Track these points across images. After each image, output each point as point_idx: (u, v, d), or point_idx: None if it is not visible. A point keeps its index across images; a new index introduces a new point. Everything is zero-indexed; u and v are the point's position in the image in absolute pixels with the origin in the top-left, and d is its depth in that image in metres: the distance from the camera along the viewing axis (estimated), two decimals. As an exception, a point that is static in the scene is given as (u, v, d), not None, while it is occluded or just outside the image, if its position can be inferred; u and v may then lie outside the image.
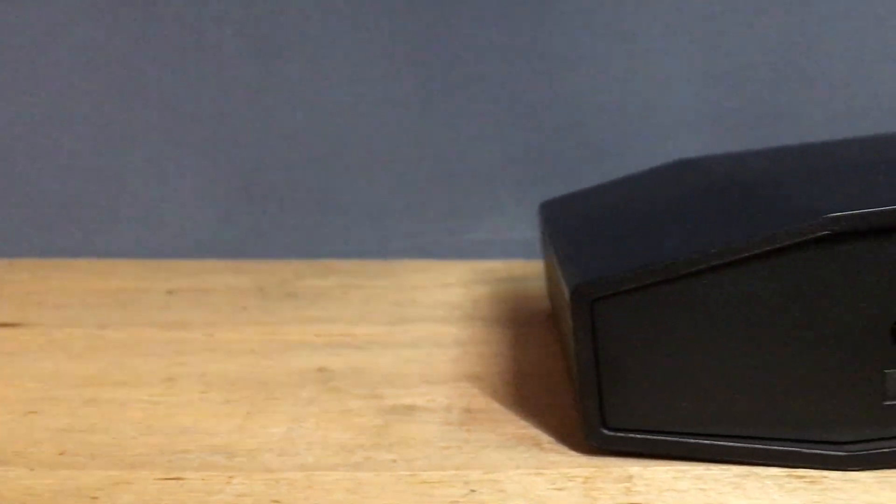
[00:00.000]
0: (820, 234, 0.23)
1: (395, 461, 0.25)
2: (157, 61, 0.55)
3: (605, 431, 0.24)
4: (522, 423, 0.27)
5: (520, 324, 0.37)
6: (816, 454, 0.24)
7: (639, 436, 0.24)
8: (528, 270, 0.46)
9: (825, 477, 0.23)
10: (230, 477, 0.24)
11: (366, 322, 0.39)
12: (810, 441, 0.24)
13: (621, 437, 0.24)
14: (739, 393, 0.24)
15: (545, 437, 0.26)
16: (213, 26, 0.54)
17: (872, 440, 0.24)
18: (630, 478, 0.23)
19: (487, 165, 0.54)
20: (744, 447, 0.24)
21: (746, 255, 0.23)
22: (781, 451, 0.24)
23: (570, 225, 0.34)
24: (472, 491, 0.23)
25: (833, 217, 0.23)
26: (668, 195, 0.34)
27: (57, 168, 0.55)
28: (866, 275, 0.23)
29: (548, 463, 0.24)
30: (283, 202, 0.56)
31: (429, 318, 0.40)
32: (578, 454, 0.25)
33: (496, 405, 0.29)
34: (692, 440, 0.24)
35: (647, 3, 0.52)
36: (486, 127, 0.54)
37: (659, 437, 0.24)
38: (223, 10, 0.54)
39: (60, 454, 0.26)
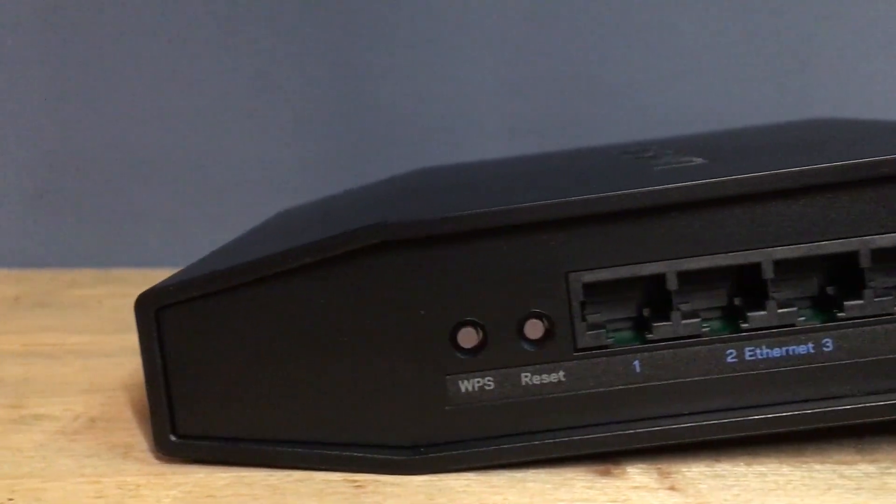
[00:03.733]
0: (371, 241, 0.23)
1: (-37, 471, 0.25)
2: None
3: (173, 438, 0.24)
4: (135, 431, 0.27)
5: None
6: (376, 459, 0.24)
7: (206, 443, 0.24)
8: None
9: (376, 481, 0.23)
10: None
11: (89, 331, 0.39)
12: (374, 446, 0.24)
13: (189, 444, 0.24)
14: (303, 399, 0.24)
15: (143, 446, 0.26)
16: (10, 32, 0.54)
17: (434, 444, 0.24)
18: (181, 485, 0.23)
19: (285, 173, 0.55)
20: (306, 453, 0.24)
21: (306, 262, 0.24)
22: (343, 456, 0.24)
23: (260, 232, 0.34)
24: (10, 500, 0.23)
25: (378, 226, 0.23)
26: (364, 202, 0.35)
27: None
28: (424, 282, 0.24)
29: (116, 471, 0.24)
30: (78, 211, 0.56)
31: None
32: (158, 463, 0.25)
33: (128, 414, 0.29)
34: (255, 446, 0.24)
35: (446, 15, 0.52)
36: (285, 134, 0.54)
37: (225, 444, 0.24)
38: (20, 17, 0.54)
39: None
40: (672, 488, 0.23)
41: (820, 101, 0.52)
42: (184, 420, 0.24)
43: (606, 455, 0.24)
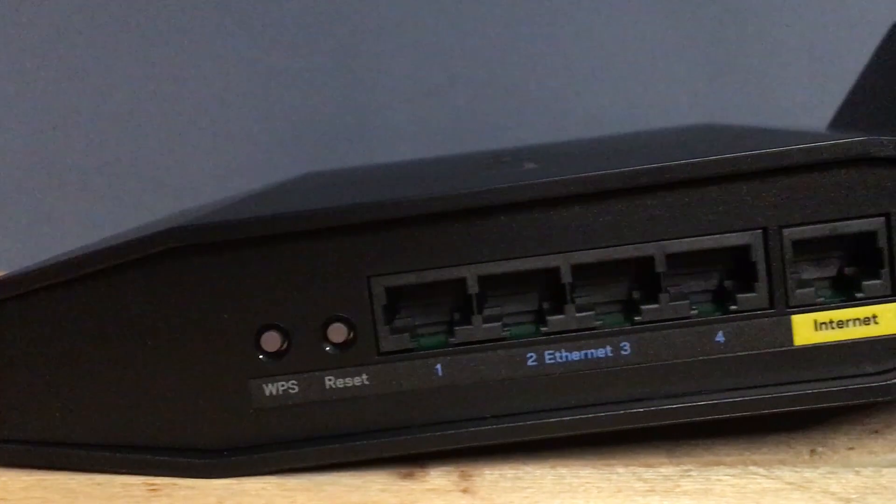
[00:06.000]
0: (168, 245, 0.24)
1: None
2: None
3: (-10, 441, 0.25)
4: None
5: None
6: (178, 462, 0.24)
7: (11, 446, 0.24)
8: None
9: (174, 484, 0.24)
10: None
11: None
12: (177, 449, 0.24)
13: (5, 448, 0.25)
14: (107, 402, 0.24)
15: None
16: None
17: (237, 448, 0.24)
18: (-19, 489, 0.24)
19: (202, 177, 0.55)
20: (108, 456, 0.24)
21: (101, 266, 0.24)
22: (144, 460, 0.24)
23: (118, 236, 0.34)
24: None
25: (172, 230, 0.23)
26: (216, 207, 0.35)
27: None
28: (228, 285, 0.24)
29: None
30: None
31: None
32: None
33: None
34: (57, 450, 0.24)
35: (362, 17, 0.53)
36: (201, 138, 0.55)
37: (29, 448, 0.24)
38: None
39: None
40: (466, 490, 0.23)
41: (733, 106, 0.52)
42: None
43: (414, 457, 0.24)
